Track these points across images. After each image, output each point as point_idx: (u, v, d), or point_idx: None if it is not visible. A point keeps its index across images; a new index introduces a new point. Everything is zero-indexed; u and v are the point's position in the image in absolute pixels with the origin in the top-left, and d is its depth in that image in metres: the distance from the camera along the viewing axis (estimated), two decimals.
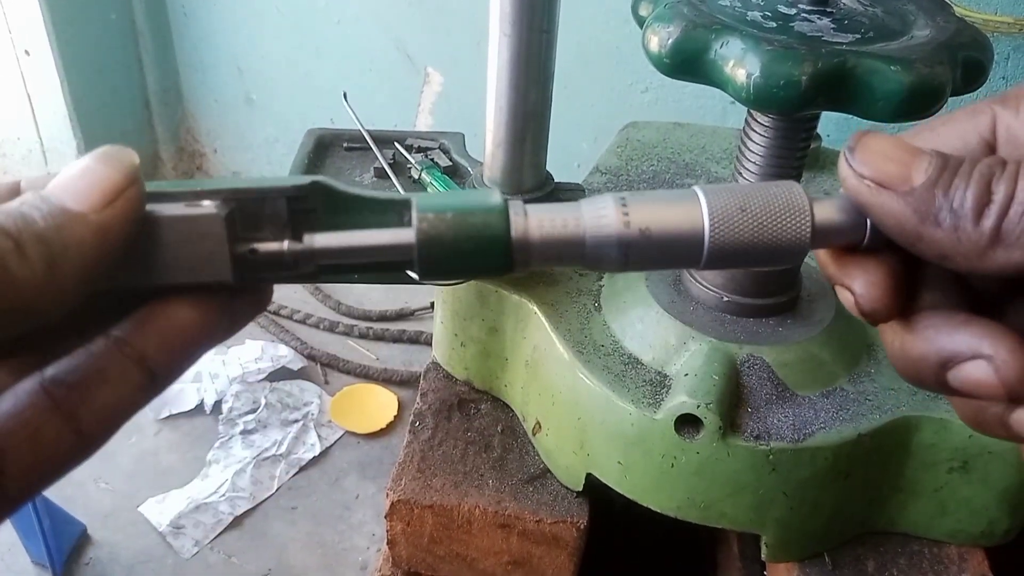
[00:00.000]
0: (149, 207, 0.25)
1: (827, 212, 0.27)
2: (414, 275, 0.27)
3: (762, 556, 0.65)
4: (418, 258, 0.26)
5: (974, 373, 0.25)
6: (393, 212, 0.27)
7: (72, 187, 0.23)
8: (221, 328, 0.27)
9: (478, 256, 0.26)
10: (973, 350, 0.25)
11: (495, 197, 0.27)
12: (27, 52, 1.59)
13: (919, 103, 0.51)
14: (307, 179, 0.26)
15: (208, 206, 0.25)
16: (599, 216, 0.27)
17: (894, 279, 0.27)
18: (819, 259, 0.29)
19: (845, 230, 0.27)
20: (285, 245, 0.26)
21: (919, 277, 0.27)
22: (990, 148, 0.26)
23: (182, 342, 0.25)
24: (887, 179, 0.25)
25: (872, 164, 0.25)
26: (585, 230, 0.27)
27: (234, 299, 0.27)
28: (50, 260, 0.22)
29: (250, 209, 0.26)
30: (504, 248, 0.26)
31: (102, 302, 0.26)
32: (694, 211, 0.27)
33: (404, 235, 0.26)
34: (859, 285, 0.27)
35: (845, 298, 0.27)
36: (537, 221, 0.27)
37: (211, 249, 0.25)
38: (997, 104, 0.26)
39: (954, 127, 0.27)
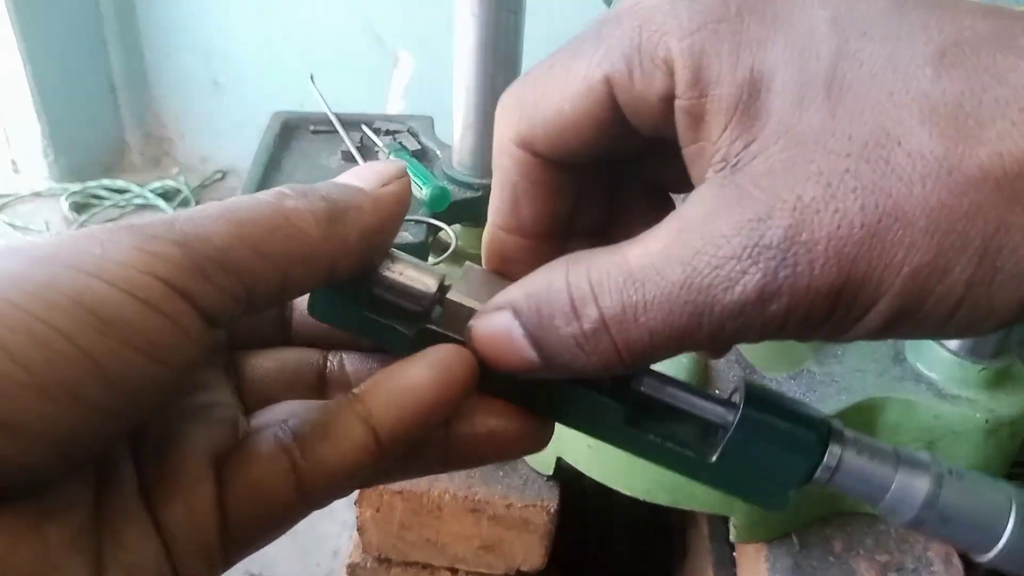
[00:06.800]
0: (402, 265, 0.29)
1: None
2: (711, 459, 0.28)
3: (731, 537, 0.66)
4: (731, 434, 0.27)
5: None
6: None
7: (356, 173, 0.27)
8: (455, 405, 0.27)
9: (780, 463, 0.27)
10: None
11: (823, 422, 0.27)
12: None
13: None
14: None
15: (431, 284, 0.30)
16: (912, 481, 0.27)
17: None
18: None
19: None
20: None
21: None
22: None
23: (409, 404, 0.26)
24: None
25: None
26: (893, 485, 0.27)
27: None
28: (331, 216, 0.25)
29: None
30: (809, 470, 0.27)
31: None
32: (1003, 514, 0.27)
33: (724, 413, 0.28)
34: None
35: None
36: (853, 452, 0.27)
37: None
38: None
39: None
